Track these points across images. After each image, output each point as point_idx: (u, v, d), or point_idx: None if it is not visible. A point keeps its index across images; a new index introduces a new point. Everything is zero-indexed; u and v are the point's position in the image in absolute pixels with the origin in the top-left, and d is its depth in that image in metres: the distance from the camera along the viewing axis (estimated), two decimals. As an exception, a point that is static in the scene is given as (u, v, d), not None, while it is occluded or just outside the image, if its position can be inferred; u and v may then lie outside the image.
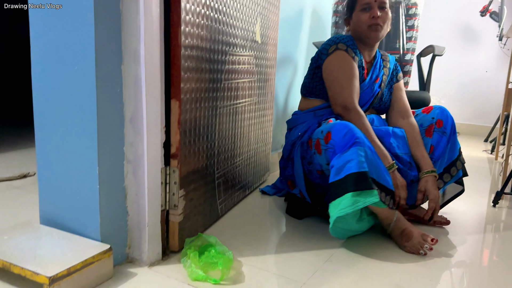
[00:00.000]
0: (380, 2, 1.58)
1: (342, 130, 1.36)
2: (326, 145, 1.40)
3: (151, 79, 1.16)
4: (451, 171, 1.63)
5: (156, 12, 1.15)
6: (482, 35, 4.03)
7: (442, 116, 1.62)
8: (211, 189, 1.53)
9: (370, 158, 1.33)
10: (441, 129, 1.61)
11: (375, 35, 1.59)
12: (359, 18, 1.61)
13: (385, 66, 1.73)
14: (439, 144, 1.61)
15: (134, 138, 1.20)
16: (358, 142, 1.32)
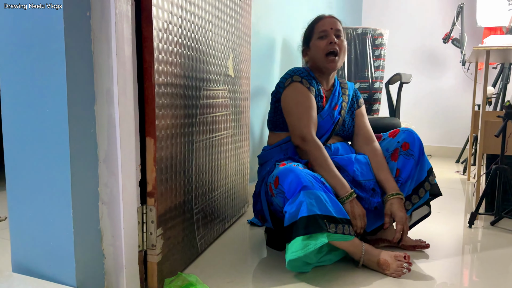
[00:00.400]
0: (336, 31, 1.64)
1: (288, 177, 1.37)
2: (276, 189, 1.43)
3: (125, 118, 1.15)
4: (419, 192, 1.65)
5: (128, 52, 1.15)
6: (446, 61, 4.21)
7: (408, 139, 1.64)
8: (190, 225, 1.50)
9: (323, 197, 1.34)
10: (407, 152, 1.63)
11: (332, 66, 1.63)
12: (317, 46, 1.64)
13: (344, 93, 1.76)
14: (405, 166, 1.63)
15: (109, 178, 1.18)
16: (305, 187, 1.33)
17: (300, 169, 1.40)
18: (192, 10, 1.45)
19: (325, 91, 1.72)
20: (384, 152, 1.70)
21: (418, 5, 4.28)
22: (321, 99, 1.68)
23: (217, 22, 1.67)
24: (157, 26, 1.22)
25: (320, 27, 1.65)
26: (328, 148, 1.67)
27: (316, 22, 1.68)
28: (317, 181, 1.39)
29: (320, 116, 1.66)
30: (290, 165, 1.42)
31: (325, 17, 1.68)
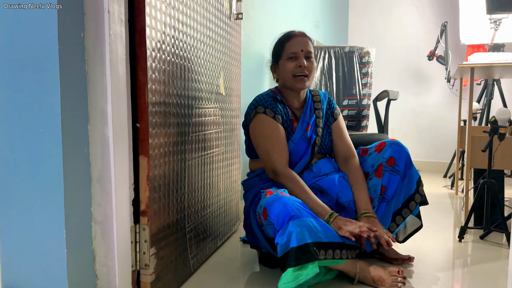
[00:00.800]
0: (306, 52, 1.58)
1: (275, 207, 1.36)
2: (265, 220, 1.42)
3: (118, 137, 1.16)
4: (410, 205, 1.63)
5: (122, 72, 1.17)
6: (431, 78, 4.31)
7: (394, 153, 1.60)
8: (183, 244, 1.50)
9: (312, 224, 1.33)
10: (393, 167, 1.59)
11: (301, 85, 1.59)
12: (285, 67, 1.60)
13: (317, 107, 1.69)
14: (391, 183, 1.59)
15: (102, 198, 1.18)
16: (293, 216, 1.32)
17: (287, 196, 1.39)
18: (185, 30, 1.47)
19: (295, 110, 1.67)
20: (369, 168, 1.66)
21: (403, 24, 4.39)
22: (290, 123, 1.63)
23: (209, 42, 1.69)
24: (150, 46, 1.24)
25: (291, 47, 1.59)
26: (310, 170, 1.64)
27: (286, 41, 1.61)
28: (304, 207, 1.39)
29: (292, 141, 1.62)
30: (276, 194, 1.40)
31: (296, 36, 1.61)
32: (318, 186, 1.58)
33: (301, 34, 1.63)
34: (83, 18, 1.13)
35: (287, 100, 1.68)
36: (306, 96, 1.70)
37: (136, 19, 1.22)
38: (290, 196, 1.41)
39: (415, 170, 1.65)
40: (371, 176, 1.63)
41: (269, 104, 1.60)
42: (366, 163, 1.67)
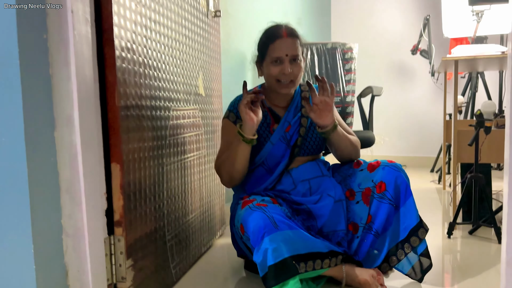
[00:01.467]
0: (292, 56, 1.45)
1: (250, 222, 1.29)
2: (244, 236, 1.37)
3: (87, 144, 1.09)
4: (411, 241, 1.39)
5: (89, 74, 1.10)
6: (415, 72, 4.30)
7: (386, 177, 1.40)
8: (163, 253, 1.43)
9: (289, 236, 1.25)
10: (383, 194, 1.40)
11: (286, 91, 1.49)
12: (269, 71, 1.47)
13: (304, 105, 1.56)
14: (379, 212, 1.39)
15: (72, 209, 1.10)
16: (268, 231, 1.24)
17: (263, 206, 1.32)
18: (158, 29, 1.40)
19: (280, 109, 1.57)
20: (356, 186, 1.48)
21: (386, 19, 4.37)
22: (267, 126, 1.54)
23: (185, 41, 1.63)
24: (119, 46, 1.17)
25: (275, 51, 1.45)
26: (288, 174, 1.53)
27: (271, 41, 1.46)
28: (282, 216, 1.30)
29: (270, 142, 1.53)
30: (252, 206, 1.33)
31: (281, 37, 1.45)
32: (309, 209, 1.45)
33: (287, 33, 1.46)
34: (46, 18, 1.06)
35: (270, 100, 1.58)
36: (295, 92, 1.58)
37: (103, 18, 1.15)
38: (269, 206, 1.32)
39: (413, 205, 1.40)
40: (357, 198, 1.47)
41: (235, 108, 1.56)
42: (354, 178, 1.50)
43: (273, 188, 1.53)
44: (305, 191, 1.51)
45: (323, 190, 1.49)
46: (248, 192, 1.55)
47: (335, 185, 1.51)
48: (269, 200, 1.41)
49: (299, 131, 1.54)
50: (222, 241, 2.02)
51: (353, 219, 1.47)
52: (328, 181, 1.52)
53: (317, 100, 1.46)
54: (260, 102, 1.55)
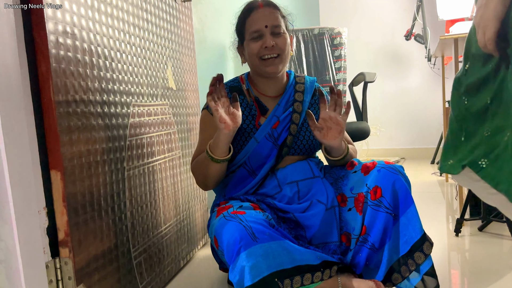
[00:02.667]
0: (272, 27, 1.27)
1: (224, 235, 1.07)
2: (219, 250, 1.16)
3: (14, 149, 0.88)
4: (416, 257, 1.13)
5: (12, 63, 0.89)
6: (411, 58, 4.09)
7: (382, 181, 1.16)
8: (128, 272, 1.23)
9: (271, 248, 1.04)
10: (379, 201, 1.16)
11: (272, 69, 1.30)
12: (250, 49, 1.29)
13: (297, 99, 1.36)
14: (376, 223, 1.15)
15: (2, 229, 0.90)
16: (245, 245, 1.03)
17: (239, 214, 1.09)
18: (110, 12, 1.20)
19: (268, 100, 1.37)
20: (348, 191, 1.25)
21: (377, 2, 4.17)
22: (253, 118, 1.33)
23: (147, 27, 1.42)
24: (54, 29, 0.97)
25: (252, 24, 1.28)
26: (273, 175, 1.32)
27: (247, 16, 1.30)
28: (263, 225, 1.07)
29: (255, 139, 1.31)
30: (226, 214, 1.11)
31: (257, 8, 1.29)
32: (296, 219, 1.24)
33: (263, 3, 1.30)
34: (-46, -4, 0.85)
35: (258, 89, 1.37)
36: (288, 83, 1.39)
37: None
38: (247, 214, 1.10)
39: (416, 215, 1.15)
40: (349, 205, 1.24)
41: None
42: (346, 181, 1.29)
43: (255, 192, 1.33)
44: (292, 195, 1.30)
45: (313, 194, 1.27)
46: (226, 197, 1.34)
47: (328, 188, 1.29)
48: (248, 206, 1.20)
49: (289, 129, 1.33)
50: (204, 252, 1.82)
51: (346, 229, 1.25)
52: (319, 184, 1.30)
53: (326, 115, 1.26)
54: (246, 91, 1.35)
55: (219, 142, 1.20)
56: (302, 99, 1.37)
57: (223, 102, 1.20)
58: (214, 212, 1.23)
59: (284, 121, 1.34)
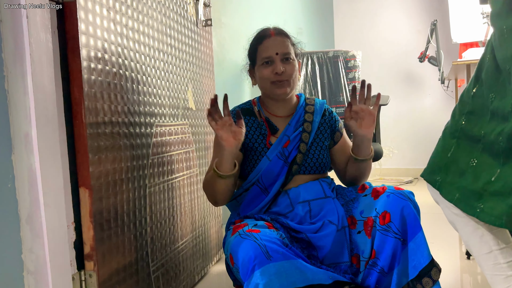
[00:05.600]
0: (283, 54, 1.35)
1: (239, 252, 1.11)
2: (234, 268, 1.19)
3: (48, 167, 0.95)
4: (424, 282, 1.16)
5: (50, 88, 0.96)
6: (424, 80, 4.12)
7: (391, 207, 1.20)
8: (147, 286, 1.28)
9: (284, 267, 1.07)
10: (387, 226, 1.19)
11: (282, 91, 1.36)
12: (262, 73, 1.36)
13: (307, 120, 1.42)
14: (385, 247, 1.18)
15: (33, 242, 0.96)
16: (259, 263, 1.06)
17: (254, 233, 1.13)
18: (137, 38, 1.28)
19: (279, 120, 1.42)
20: (358, 214, 1.28)
21: (391, 25, 4.23)
22: (263, 138, 1.39)
23: (170, 51, 1.50)
24: (87, 56, 1.04)
25: (264, 51, 1.35)
26: (285, 194, 1.36)
27: (259, 43, 1.37)
28: (277, 244, 1.11)
29: (267, 157, 1.36)
30: (242, 232, 1.15)
31: (269, 36, 1.37)
32: (308, 239, 1.26)
33: (275, 32, 1.38)
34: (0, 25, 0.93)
35: (268, 110, 1.43)
36: (298, 104, 1.45)
37: (67, 26, 1.02)
38: (261, 232, 1.14)
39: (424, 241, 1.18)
40: (359, 228, 1.28)
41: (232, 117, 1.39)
42: (356, 204, 1.33)
43: (268, 210, 1.37)
44: (304, 214, 1.34)
45: (324, 215, 1.31)
46: (241, 215, 1.39)
47: (339, 208, 1.33)
48: (263, 225, 1.24)
49: (299, 147, 1.38)
50: (219, 267, 1.86)
51: (356, 251, 1.28)
52: (330, 204, 1.33)
53: (357, 107, 1.33)
54: (257, 112, 1.41)
55: (223, 158, 1.25)
56: (311, 120, 1.43)
57: (224, 121, 1.26)
58: (230, 230, 1.27)
59: (294, 140, 1.39)
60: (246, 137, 1.38)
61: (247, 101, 1.49)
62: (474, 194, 0.92)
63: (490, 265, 0.95)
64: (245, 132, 1.27)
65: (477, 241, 0.96)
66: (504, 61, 0.90)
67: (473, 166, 0.94)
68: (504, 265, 0.94)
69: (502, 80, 0.91)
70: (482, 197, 0.90)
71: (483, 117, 0.95)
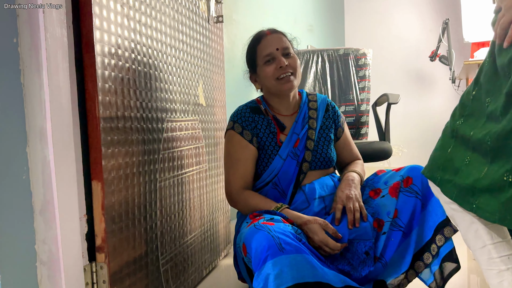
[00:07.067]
0: (283, 49, 1.37)
1: (253, 242, 1.12)
2: (246, 258, 1.20)
3: (62, 160, 0.97)
4: (437, 239, 1.25)
5: (64, 82, 0.98)
6: (435, 79, 4.10)
7: (412, 173, 1.30)
8: (156, 279, 1.30)
9: (296, 260, 1.07)
10: (410, 187, 1.28)
11: (288, 86, 1.38)
12: (265, 73, 1.38)
13: (311, 116, 1.45)
14: (406, 206, 1.27)
15: (46, 233, 0.98)
16: (272, 254, 1.07)
17: (270, 225, 1.14)
18: (150, 34, 1.29)
19: (284, 118, 1.44)
20: (382, 184, 1.35)
21: (402, 24, 4.21)
22: (274, 136, 1.40)
23: (182, 47, 1.51)
24: (101, 51, 1.06)
25: (264, 49, 1.38)
26: (301, 191, 1.38)
27: (257, 43, 1.40)
28: (290, 238, 1.11)
29: (279, 156, 1.38)
30: (257, 224, 1.16)
31: (265, 36, 1.40)
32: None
33: (270, 31, 1.42)
34: (16, 20, 0.95)
35: (273, 108, 1.45)
36: (301, 101, 1.47)
37: (82, 21, 1.03)
38: (276, 225, 1.15)
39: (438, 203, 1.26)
40: (383, 193, 1.33)
41: (239, 118, 1.40)
42: (378, 179, 1.40)
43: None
44: (319, 211, 1.35)
45: None
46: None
47: None
48: (279, 220, 1.24)
49: (306, 145, 1.41)
50: (226, 261, 1.88)
51: (378, 215, 1.31)
52: None
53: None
54: (264, 110, 1.42)
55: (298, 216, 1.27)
56: (316, 116, 1.45)
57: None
58: (245, 222, 1.29)
59: (303, 138, 1.41)
60: (258, 136, 1.39)
61: (252, 100, 1.49)
62: (467, 191, 0.94)
63: (484, 259, 0.97)
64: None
65: (472, 235, 0.98)
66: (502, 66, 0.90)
67: (466, 164, 0.96)
68: (497, 259, 0.95)
69: (499, 84, 0.91)
70: (474, 194, 0.92)
71: (479, 119, 0.96)
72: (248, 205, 1.33)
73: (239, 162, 1.36)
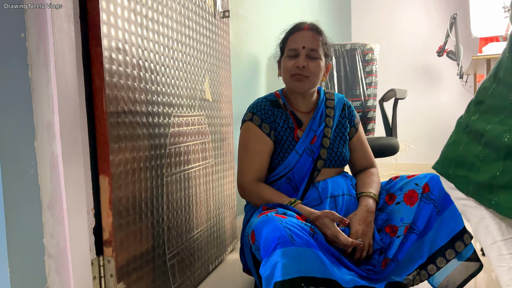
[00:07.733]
0: (309, 50, 1.34)
1: (264, 231, 1.11)
2: (254, 245, 1.19)
3: (69, 155, 0.97)
4: (456, 246, 1.28)
5: (71, 77, 0.98)
6: (442, 75, 4.06)
7: (429, 181, 1.31)
8: (162, 273, 1.30)
9: (305, 254, 1.07)
10: (427, 195, 1.30)
11: (299, 86, 1.37)
12: (285, 65, 1.37)
13: (328, 114, 1.44)
14: (422, 212, 1.28)
15: (54, 227, 0.99)
16: (282, 243, 1.06)
17: (282, 218, 1.13)
18: (156, 28, 1.29)
19: (302, 115, 1.44)
20: (397, 190, 1.36)
21: (410, 18, 4.17)
22: (291, 131, 1.41)
23: (188, 42, 1.51)
24: (108, 46, 1.06)
25: (292, 42, 1.36)
26: (314, 187, 1.38)
27: (290, 33, 1.39)
28: (301, 231, 1.11)
29: (296, 152, 1.38)
30: (269, 215, 1.15)
31: (301, 29, 1.38)
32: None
33: (308, 27, 1.37)
34: (24, 15, 0.95)
35: (292, 103, 1.45)
36: (319, 100, 1.46)
37: (89, 15, 1.04)
38: (288, 218, 1.15)
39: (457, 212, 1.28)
40: (398, 199, 1.34)
41: (259, 110, 1.40)
42: (394, 184, 1.41)
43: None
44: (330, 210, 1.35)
45: (348, 211, 1.34)
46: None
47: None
48: (292, 215, 1.24)
49: (322, 143, 1.41)
50: (232, 256, 1.88)
51: (391, 221, 1.32)
52: (354, 203, 1.38)
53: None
54: (283, 105, 1.43)
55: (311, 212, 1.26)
56: (332, 114, 1.45)
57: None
58: (257, 212, 1.28)
59: (319, 136, 1.41)
60: (276, 130, 1.39)
61: (271, 93, 1.49)
62: (484, 187, 0.93)
63: (494, 255, 0.96)
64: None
65: (483, 231, 0.97)
66: None
67: (480, 160, 0.94)
68: (507, 256, 0.94)
69: None
70: (492, 191, 0.91)
71: (496, 115, 0.95)
72: (262, 197, 1.33)
73: (256, 154, 1.37)
